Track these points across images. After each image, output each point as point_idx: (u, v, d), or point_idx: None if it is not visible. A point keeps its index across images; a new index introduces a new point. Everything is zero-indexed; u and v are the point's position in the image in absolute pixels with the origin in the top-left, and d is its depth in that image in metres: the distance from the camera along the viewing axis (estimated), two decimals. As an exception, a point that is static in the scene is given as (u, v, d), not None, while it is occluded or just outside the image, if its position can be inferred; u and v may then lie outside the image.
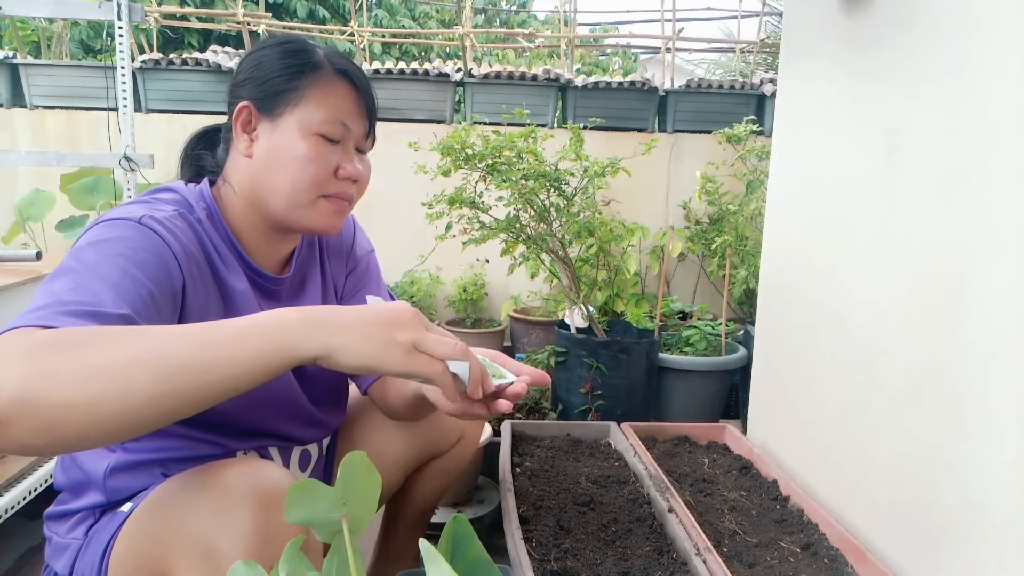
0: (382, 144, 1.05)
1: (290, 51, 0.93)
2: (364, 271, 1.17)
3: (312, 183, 0.92)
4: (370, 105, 0.97)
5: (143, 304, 0.74)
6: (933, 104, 1.14)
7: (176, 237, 0.84)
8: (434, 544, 0.59)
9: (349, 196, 0.97)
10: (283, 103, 0.91)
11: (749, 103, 3.48)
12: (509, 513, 1.30)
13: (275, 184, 0.92)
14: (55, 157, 2.17)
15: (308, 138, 0.91)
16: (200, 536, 0.71)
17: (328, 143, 0.92)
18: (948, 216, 1.10)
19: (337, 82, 0.93)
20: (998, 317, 0.99)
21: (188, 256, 0.86)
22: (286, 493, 0.70)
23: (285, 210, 0.93)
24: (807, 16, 1.58)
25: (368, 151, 1.01)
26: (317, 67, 0.92)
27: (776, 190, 1.74)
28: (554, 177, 2.12)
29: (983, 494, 1.01)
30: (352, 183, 0.96)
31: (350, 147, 0.95)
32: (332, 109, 0.92)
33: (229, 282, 0.93)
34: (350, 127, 0.93)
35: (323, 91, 0.92)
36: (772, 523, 1.39)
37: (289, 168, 0.91)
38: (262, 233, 0.98)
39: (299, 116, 0.91)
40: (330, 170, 0.93)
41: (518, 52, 8.32)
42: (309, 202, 0.93)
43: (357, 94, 0.95)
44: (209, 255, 0.91)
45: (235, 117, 0.93)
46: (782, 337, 1.69)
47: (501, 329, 3.21)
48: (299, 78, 0.91)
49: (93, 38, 7.04)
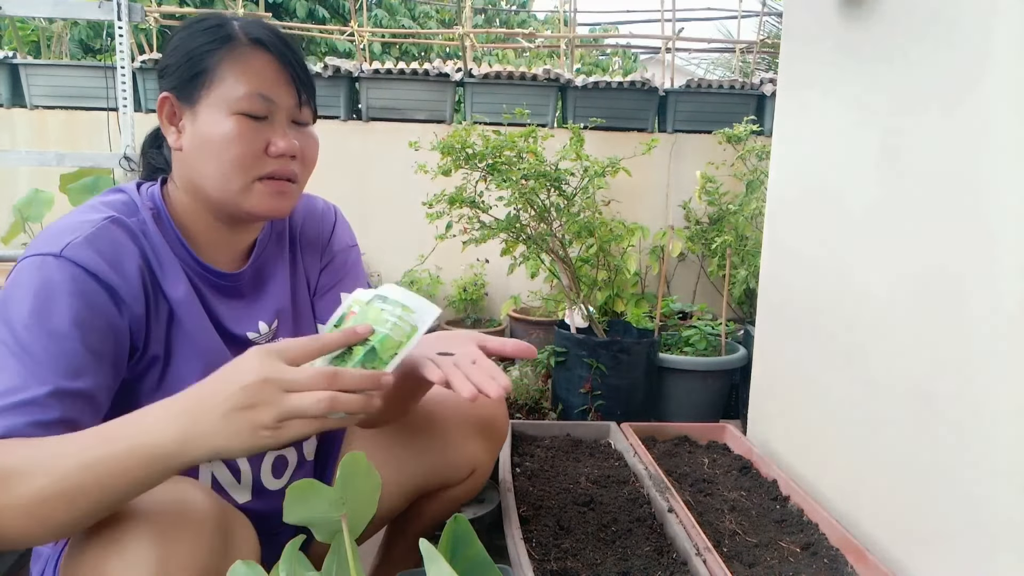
0: (382, 144, 1.04)
1: (199, 30, 0.87)
2: (341, 266, 1.09)
3: (240, 165, 0.85)
4: (297, 73, 0.89)
5: (76, 361, 0.74)
6: (932, 103, 1.14)
7: (104, 257, 0.80)
8: (434, 544, 0.59)
9: (289, 174, 0.90)
10: (199, 87, 0.85)
11: (749, 103, 3.48)
12: (509, 513, 1.30)
13: (205, 173, 0.87)
14: (55, 157, 2.17)
15: (229, 119, 0.84)
16: (94, 563, 0.68)
17: (253, 120, 0.85)
18: (948, 216, 1.10)
19: (253, 53, 0.86)
20: (998, 317, 0.99)
21: (122, 275, 0.81)
22: (190, 520, 0.70)
23: (221, 198, 0.88)
24: (807, 16, 1.58)
25: (309, 123, 0.93)
26: (228, 40, 0.86)
27: (776, 190, 1.74)
28: (554, 177, 2.12)
29: (982, 494, 1.01)
30: (290, 160, 0.89)
31: (280, 122, 0.88)
32: (250, 83, 0.85)
33: (168, 292, 0.88)
34: (274, 100, 0.86)
35: (238, 65, 0.85)
36: (772, 523, 1.39)
37: (215, 154, 0.85)
38: (211, 227, 0.93)
39: (216, 97, 0.85)
40: (257, 149, 0.86)
41: (518, 52, 8.32)
42: (243, 186, 0.87)
43: (278, 63, 0.87)
44: (148, 263, 0.86)
45: (159, 110, 0.89)
46: (782, 337, 1.69)
47: (501, 329, 3.21)
48: (210, 57, 0.85)
49: (93, 38, 7.04)
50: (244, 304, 0.97)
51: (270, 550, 0.84)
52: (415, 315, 0.78)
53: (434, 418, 1.15)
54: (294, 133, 0.90)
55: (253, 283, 0.99)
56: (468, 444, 1.17)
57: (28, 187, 3.08)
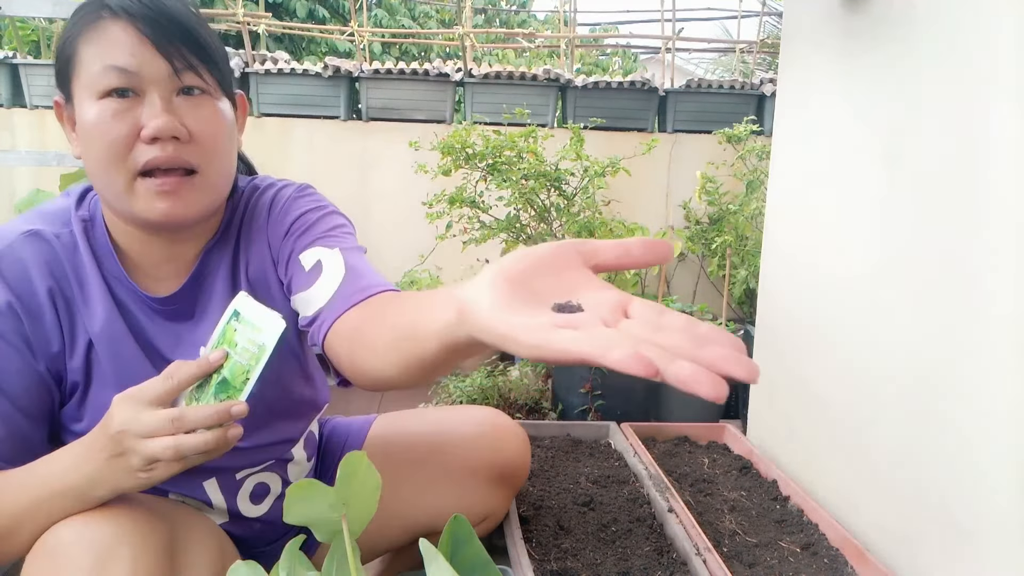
0: (382, 144, 1.00)
1: (74, 16, 0.75)
2: (296, 231, 0.87)
3: (111, 158, 0.73)
4: (168, 33, 0.73)
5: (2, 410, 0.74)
6: (933, 103, 1.14)
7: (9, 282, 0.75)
8: (434, 544, 0.59)
9: (175, 161, 0.74)
10: (69, 78, 0.75)
11: (749, 103, 3.48)
12: (509, 513, 1.30)
13: (94, 176, 0.76)
14: (55, 157, 2.17)
15: (94, 105, 0.73)
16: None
17: (119, 99, 0.72)
18: (949, 217, 1.10)
19: (109, 25, 0.73)
20: (999, 317, 0.99)
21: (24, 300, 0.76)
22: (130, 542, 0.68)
23: (115, 205, 0.77)
24: (807, 16, 1.58)
25: (207, 91, 0.77)
26: (91, 19, 0.74)
27: (776, 190, 1.74)
28: (554, 177, 2.12)
29: (983, 495, 1.01)
30: (173, 143, 0.74)
31: (157, 96, 0.73)
32: (103, 56, 0.72)
33: (86, 321, 0.80)
34: (136, 71, 0.72)
35: (93, 42, 0.73)
36: (772, 523, 1.39)
37: (90, 149, 0.74)
38: (141, 240, 0.82)
39: (81, 84, 0.74)
40: (125, 134, 0.73)
41: (518, 52, 8.32)
42: (125, 185, 0.74)
43: (136, 27, 0.72)
44: (65, 286, 0.79)
45: (57, 117, 0.80)
46: (782, 337, 1.69)
47: (501, 329, 3.21)
48: (73, 41, 0.74)
49: (93, 38, 7.04)
50: (186, 327, 0.85)
51: None
52: (261, 333, 0.69)
53: (452, 464, 1.09)
54: (184, 108, 0.75)
55: (193, 302, 0.86)
56: (485, 493, 1.13)
57: (28, 187, 3.07)
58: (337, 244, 0.84)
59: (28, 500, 0.71)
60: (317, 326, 0.78)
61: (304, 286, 0.82)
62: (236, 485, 0.94)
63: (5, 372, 0.75)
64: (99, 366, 0.81)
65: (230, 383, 0.70)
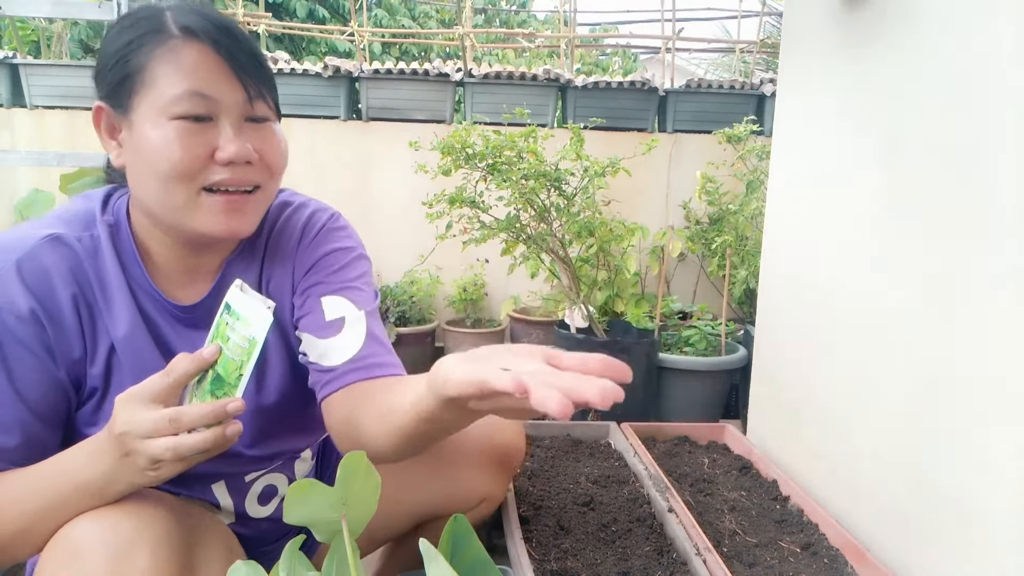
0: (382, 144, 0.99)
1: (127, 25, 0.76)
2: (321, 270, 0.91)
3: (179, 176, 0.74)
4: (243, 62, 0.76)
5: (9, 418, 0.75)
6: (933, 102, 1.14)
7: (32, 288, 0.75)
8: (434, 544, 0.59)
9: (244, 183, 0.78)
10: (128, 92, 0.75)
11: (749, 103, 3.48)
12: (509, 513, 1.30)
13: (149, 191, 0.77)
14: (55, 157, 2.17)
15: (165, 125, 0.74)
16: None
17: (194, 123, 0.74)
18: (949, 217, 1.10)
19: (185, 46, 0.74)
20: (999, 315, 0.99)
21: (47, 307, 0.76)
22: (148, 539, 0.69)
23: (166, 217, 0.78)
24: (807, 16, 1.58)
25: (269, 119, 0.81)
26: (158, 34, 0.75)
27: (776, 190, 1.74)
28: (554, 177, 2.12)
29: (982, 495, 1.01)
30: (245, 167, 0.77)
31: (229, 122, 0.76)
32: (183, 81, 0.73)
33: (110, 327, 0.80)
34: (216, 97, 0.75)
35: (168, 62, 0.74)
36: (772, 523, 1.39)
37: (153, 167, 0.75)
38: (170, 249, 0.83)
39: (148, 101, 0.74)
40: (201, 155, 0.75)
41: (518, 52, 8.31)
42: (187, 200, 0.76)
43: (216, 54, 0.75)
44: (88, 288, 0.79)
45: (95, 124, 0.80)
46: (782, 337, 1.69)
47: (501, 329, 3.21)
48: (138, 55, 0.74)
49: (93, 38, 7.04)
50: (206, 335, 0.86)
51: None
52: (251, 327, 0.68)
53: (449, 448, 1.09)
54: (251, 133, 0.78)
55: (215, 310, 0.86)
56: (481, 475, 1.13)
57: (28, 187, 3.08)
58: (363, 305, 0.89)
59: (43, 498, 0.71)
60: (325, 382, 0.85)
61: (321, 334, 0.86)
62: (245, 488, 0.94)
63: (26, 379, 0.75)
64: (119, 372, 0.81)
65: (224, 379, 0.70)
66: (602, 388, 0.50)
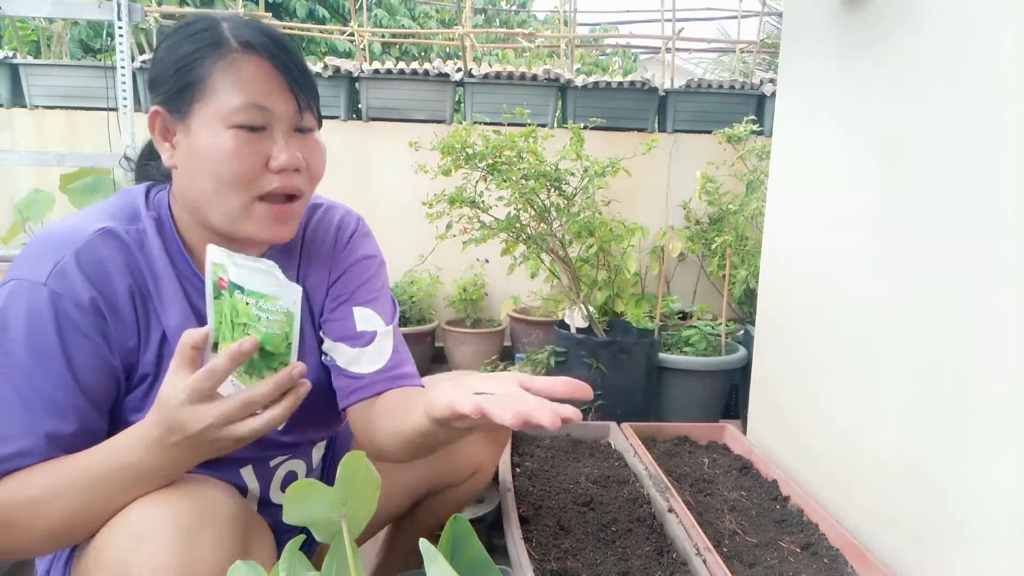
0: (382, 144, 1.01)
1: (186, 35, 0.81)
2: (355, 278, 0.99)
3: (238, 183, 0.79)
4: (296, 76, 0.82)
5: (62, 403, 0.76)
6: (933, 103, 1.14)
7: (92, 279, 0.77)
8: (434, 544, 0.59)
9: (293, 189, 0.83)
10: (190, 99, 0.80)
11: (749, 103, 3.48)
12: (509, 513, 1.30)
13: (203, 193, 0.81)
14: (55, 157, 2.17)
15: (223, 133, 0.78)
16: (118, 565, 0.69)
17: (249, 133, 0.79)
18: (948, 217, 1.10)
19: (244, 59, 0.79)
20: (1000, 315, 0.99)
21: (108, 298, 0.79)
22: (212, 521, 0.71)
23: (219, 221, 0.83)
24: (807, 15, 1.58)
25: (313, 128, 0.86)
26: (218, 47, 0.79)
27: (776, 190, 1.74)
28: (554, 177, 2.12)
29: (982, 495, 1.01)
30: (293, 173, 0.82)
31: (280, 132, 0.81)
32: (242, 92, 0.78)
33: (162, 316, 0.84)
34: (271, 108, 0.80)
35: (228, 74, 0.78)
36: (772, 523, 1.39)
37: (211, 172, 0.79)
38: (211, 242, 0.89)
39: (208, 110, 0.79)
40: (257, 164, 0.80)
41: (518, 52, 8.31)
42: (243, 207, 0.81)
43: (273, 67, 0.80)
44: (142, 280, 0.82)
45: (150, 126, 0.84)
46: (782, 337, 1.69)
47: (501, 329, 3.21)
48: (199, 65, 0.79)
49: (93, 38, 7.04)
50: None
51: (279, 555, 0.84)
52: (280, 302, 0.71)
53: None
54: (297, 142, 0.83)
55: None
56: (473, 446, 1.17)
57: (28, 187, 3.07)
58: (390, 319, 0.99)
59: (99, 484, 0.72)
60: (353, 389, 0.94)
61: (349, 342, 0.95)
62: (270, 473, 0.98)
63: (83, 366, 0.77)
64: (169, 359, 0.83)
65: (275, 353, 0.72)
66: (554, 413, 0.61)
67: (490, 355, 3.01)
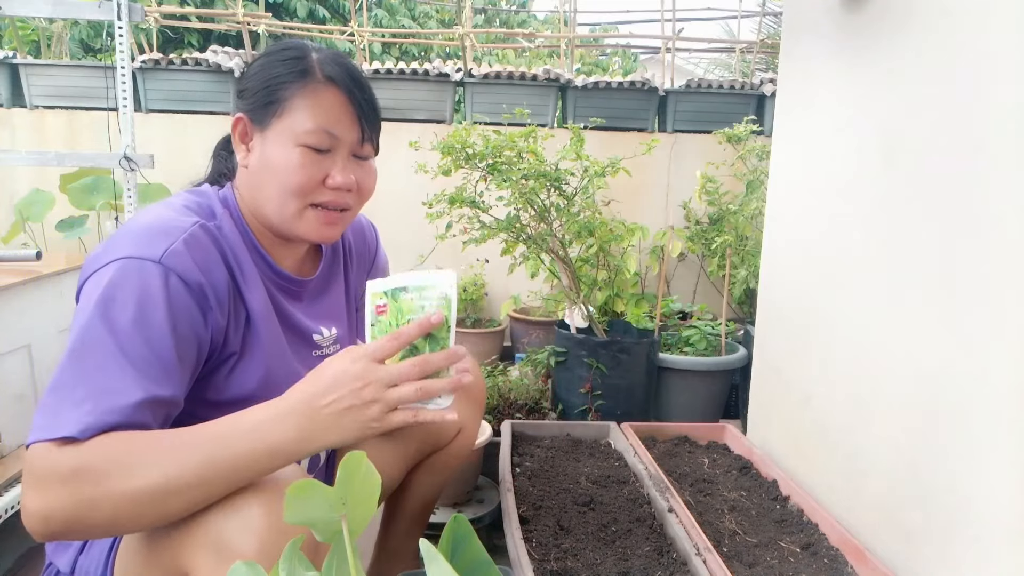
0: (382, 144, 1.03)
1: (280, 60, 0.93)
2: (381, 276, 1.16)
3: (297, 193, 0.91)
4: (365, 110, 0.95)
5: (167, 369, 0.79)
6: (932, 103, 1.14)
7: (200, 266, 0.85)
8: (434, 544, 0.59)
9: (343, 204, 0.96)
10: (271, 114, 0.91)
11: (749, 103, 3.48)
12: (509, 513, 1.30)
13: (266, 193, 0.93)
14: (55, 157, 2.17)
15: (294, 149, 0.90)
16: (214, 532, 0.74)
17: (315, 153, 0.91)
18: (948, 217, 1.10)
19: (324, 90, 0.92)
20: (999, 316, 0.99)
21: (213, 286, 0.86)
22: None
23: (275, 219, 0.94)
24: (806, 17, 1.58)
25: (370, 156, 0.99)
26: (304, 75, 0.91)
27: (776, 190, 1.74)
28: (554, 177, 2.12)
29: (982, 496, 1.01)
30: (345, 192, 0.95)
31: (342, 156, 0.94)
32: (317, 119, 0.90)
33: (248, 299, 0.93)
34: (338, 136, 0.92)
35: (309, 101, 0.91)
36: (772, 523, 1.39)
37: (276, 178, 0.91)
38: (270, 240, 1.00)
39: (285, 127, 0.91)
40: (316, 180, 0.92)
41: (518, 52, 8.32)
42: (297, 211, 0.93)
43: (347, 100, 0.93)
44: (231, 270, 0.92)
45: (233, 128, 0.95)
46: (782, 337, 1.69)
47: (501, 329, 3.21)
48: (285, 88, 0.91)
49: (93, 38, 7.04)
50: (308, 308, 1.06)
51: None
52: (438, 289, 0.82)
53: None
54: (353, 167, 0.95)
55: (316, 291, 1.08)
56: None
57: (28, 187, 3.08)
58: None
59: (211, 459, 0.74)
60: None
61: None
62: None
63: (185, 339, 0.82)
64: (253, 340, 0.94)
65: (438, 339, 0.82)
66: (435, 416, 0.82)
67: (490, 355, 3.01)
